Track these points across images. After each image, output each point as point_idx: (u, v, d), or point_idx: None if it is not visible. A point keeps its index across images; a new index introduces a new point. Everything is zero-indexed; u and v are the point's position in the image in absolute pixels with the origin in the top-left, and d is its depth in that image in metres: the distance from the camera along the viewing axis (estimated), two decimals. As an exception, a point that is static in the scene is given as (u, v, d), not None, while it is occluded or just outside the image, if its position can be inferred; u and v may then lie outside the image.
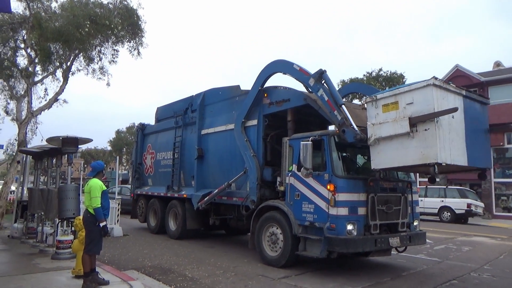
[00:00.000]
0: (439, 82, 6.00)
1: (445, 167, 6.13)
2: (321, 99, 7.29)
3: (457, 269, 7.82)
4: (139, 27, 14.17)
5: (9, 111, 15.87)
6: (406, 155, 6.00)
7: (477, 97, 6.99)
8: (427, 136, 5.78)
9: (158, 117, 13.37)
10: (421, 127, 5.85)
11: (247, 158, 8.53)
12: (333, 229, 6.53)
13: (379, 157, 6.39)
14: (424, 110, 5.82)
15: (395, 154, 6.15)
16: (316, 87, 7.35)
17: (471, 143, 6.34)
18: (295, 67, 7.94)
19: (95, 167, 6.04)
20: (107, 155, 60.82)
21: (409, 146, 5.96)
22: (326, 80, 7.32)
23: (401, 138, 6.04)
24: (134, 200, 13.82)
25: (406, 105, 6.05)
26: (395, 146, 6.15)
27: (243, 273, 7.05)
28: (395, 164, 6.24)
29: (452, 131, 6.03)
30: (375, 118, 6.44)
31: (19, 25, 13.52)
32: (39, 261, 7.44)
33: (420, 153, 5.83)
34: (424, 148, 5.79)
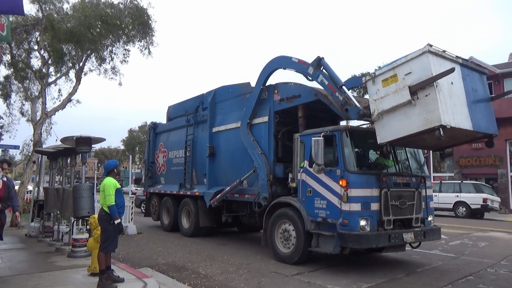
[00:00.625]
0: (435, 49, 6.02)
1: (451, 134, 6.09)
2: (321, 85, 7.46)
3: (473, 265, 7.70)
4: (150, 26, 14.28)
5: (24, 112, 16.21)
6: (410, 124, 6.01)
7: (474, 67, 6.98)
8: (428, 101, 5.79)
9: (170, 116, 13.45)
10: (421, 93, 5.87)
11: (256, 156, 8.56)
12: (346, 225, 6.49)
13: (384, 131, 6.41)
14: (423, 77, 5.84)
15: (399, 125, 6.16)
16: (316, 74, 7.53)
17: (473, 110, 6.34)
18: (294, 60, 8.09)
19: (106, 167, 6.12)
20: (120, 154, 61.54)
21: (412, 114, 5.98)
22: (325, 66, 7.48)
23: (404, 108, 6.06)
24: (147, 198, 13.95)
25: (404, 76, 6.08)
26: (398, 117, 6.17)
27: (256, 270, 7.06)
28: (401, 135, 6.19)
29: (453, 96, 6.04)
30: (376, 94, 6.48)
31: (32, 27, 13.75)
32: (56, 259, 7.57)
33: (423, 119, 5.83)
34: (427, 113, 5.80)
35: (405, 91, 5.97)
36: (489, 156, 24.61)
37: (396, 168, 7.31)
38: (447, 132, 5.80)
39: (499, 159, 24.22)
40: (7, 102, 15.94)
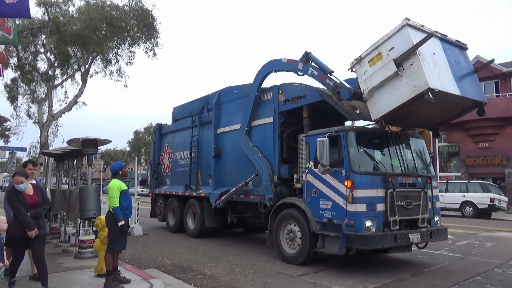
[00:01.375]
0: (413, 23, 6.33)
1: (441, 102, 6.31)
2: (312, 76, 7.73)
3: (480, 265, 7.64)
4: (154, 28, 14.37)
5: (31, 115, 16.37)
6: (400, 94, 6.23)
7: (454, 41, 7.19)
8: (414, 69, 6.03)
9: (175, 117, 13.49)
10: (406, 64, 6.12)
11: (257, 160, 8.66)
12: (352, 226, 6.47)
13: (377, 107, 6.61)
14: (405, 49, 6.10)
15: (390, 98, 6.39)
16: (305, 67, 7.83)
17: (459, 78, 6.61)
18: (283, 60, 8.39)
19: (111, 169, 6.18)
20: (126, 155, 61.82)
21: (401, 84, 6.23)
22: (313, 59, 7.77)
23: (392, 80, 6.31)
24: (153, 199, 14.00)
25: (388, 52, 6.36)
26: (388, 90, 6.40)
27: (262, 271, 7.06)
28: (393, 106, 6.36)
29: (436, 65, 6.29)
30: (364, 75, 6.71)
31: (38, 30, 13.90)
32: (63, 260, 7.62)
33: (412, 87, 6.05)
34: (414, 80, 6.03)
35: (391, 65, 6.24)
36: (496, 156, 24.43)
37: (402, 168, 7.27)
38: (436, 98, 5.93)
39: (506, 158, 24.03)
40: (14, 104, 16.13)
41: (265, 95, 9.09)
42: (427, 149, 8.42)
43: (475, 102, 7.03)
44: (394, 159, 7.33)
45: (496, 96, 25.47)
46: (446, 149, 27.77)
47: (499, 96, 25.24)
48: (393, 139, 7.41)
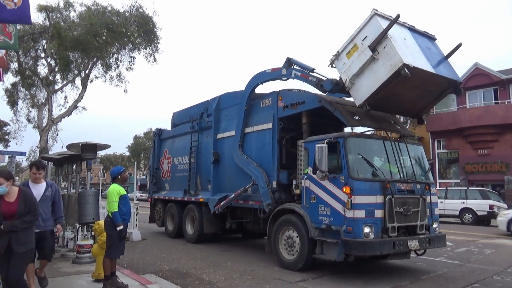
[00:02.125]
0: (381, 12, 6.87)
1: (417, 80, 6.71)
2: (296, 78, 8.18)
3: (479, 272, 7.63)
4: (155, 34, 14.44)
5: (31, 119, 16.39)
6: (378, 76, 6.64)
7: (423, 32, 7.60)
8: (387, 50, 6.48)
9: (174, 122, 13.52)
10: (380, 47, 6.59)
11: (252, 171, 8.78)
12: (350, 232, 6.47)
13: (359, 92, 6.99)
14: (377, 36, 6.61)
15: (370, 81, 6.79)
16: (289, 71, 8.31)
17: (431, 61, 7.01)
18: (268, 71, 8.88)
19: (110, 173, 6.19)
20: (125, 160, 61.74)
21: (378, 67, 6.66)
22: (295, 62, 8.29)
23: (369, 65, 6.75)
24: (151, 204, 13.99)
25: (362, 41, 6.85)
26: (367, 75, 6.82)
27: (260, 277, 7.05)
28: (374, 88, 6.72)
29: (408, 47, 6.76)
30: (344, 67, 7.14)
31: (39, 35, 13.97)
32: (61, 265, 7.60)
33: (388, 66, 6.46)
34: (389, 60, 6.45)
35: (366, 51, 6.71)
36: (495, 163, 24.46)
37: (400, 174, 7.28)
38: (412, 74, 6.28)
39: (506, 165, 24.05)
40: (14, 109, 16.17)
41: (264, 101, 9.13)
42: (426, 156, 8.45)
43: (449, 80, 7.32)
44: (393, 165, 7.35)
45: (495, 103, 25.57)
46: (445, 156, 27.80)
47: (498, 103, 25.32)
48: (392, 145, 7.43)
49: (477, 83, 26.12)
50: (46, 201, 5.33)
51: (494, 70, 25.83)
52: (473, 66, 26.45)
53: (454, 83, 7.42)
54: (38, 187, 5.30)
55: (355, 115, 7.50)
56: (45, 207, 5.26)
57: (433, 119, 27.39)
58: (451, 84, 7.41)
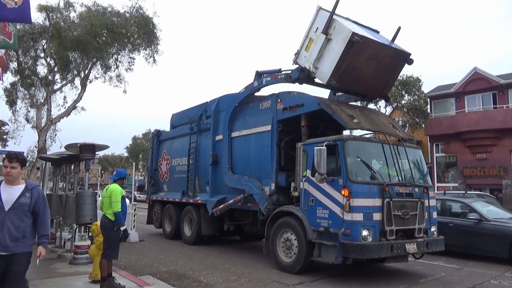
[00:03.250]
0: (325, 8, 7.87)
1: (371, 53, 7.55)
2: (267, 83, 8.85)
3: (476, 276, 7.63)
4: (155, 35, 14.45)
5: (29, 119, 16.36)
6: (336, 51, 7.39)
7: (367, 26, 8.43)
8: (337, 29, 7.41)
9: (173, 124, 13.51)
10: (331, 29, 7.53)
11: (244, 185, 8.94)
12: (348, 235, 6.46)
13: (323, 72, 7.66)
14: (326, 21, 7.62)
15: (330, 59, 7.52)
16: (260, 81, 9.02)
17: (379, 38, 7.94)
18: (241, 91, 9.55)
19: (120, 173, 6.15)
20: (124, 161, 61.68)
21: (333, 45, 7.46)
22: (263, 72, 9.07)
23: (326, 47, 7.57)
24: (149, 206, 13.96)
25: (315, 33, 7.80)
26: (326, 54, 7.58)
27: (258, 279, 7.03)
28: (335, 63, 7.39)
29: (355, 28, 7.54)
30: (305, 59, 7.92)
31: (39, 35, 13.97)
32: (58, 266, 7.57)
33: (341, 40, 7.27)
34: (340, 34, 7.32)
35: (320, 37, 7.59)
36: (493, 167, 24.48)
37: (399, 178, 7.29)
38: (364, 43, 7.15)
39: (504, 169, 24.07)
40: (13, 108, 16.15)
41: (264, 103, 9.13)
42: (425, 160, 8.46)
43: (399, 52, 8.07)
44: (391, 168, 7.35)
45: (493, 107, 25.61)
46: (443, 160, 27.82)
47: (497, 108, 25.37)
48: (391, 148, 7.44)
49: (476, 87, 26.16)
50: (19, 210, 3.70)
51: (493, 74, 25.87)
52: (472, 71, 26.49)
53: (404, 54, 8.13)
54: (11, 190, 3.73)
55: (354, 118, 7.51)
56: (16, 220, 3.67)
57: (432, 123, 27.43)
58: (401, 56, 8.14)
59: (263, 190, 8.41)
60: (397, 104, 28.26)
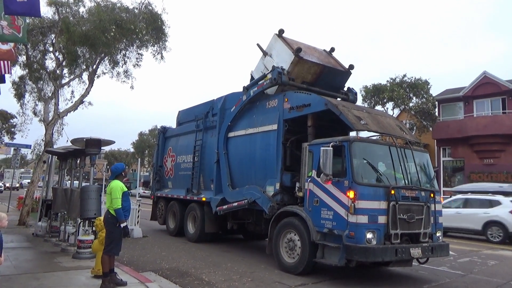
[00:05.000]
0: (279, 32, 9.51)
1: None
2: (254, 93, 9.34)
3: (481, 284, 7.52)
4: (163, 32, 14.39)
5: (37, 112, 16.41)
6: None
7: None
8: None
9: (180, 121, 13.51)
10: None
11: (245, 194, 9.02)
12: (352, 237, 6.40)
13: (282, 60, 8.90)
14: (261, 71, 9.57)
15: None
16: (248, 94, 9.53)
17: None
18: (232, 109, 10.03)
19: (113, 170, 6.15)
20: (130, 156, 61.99)
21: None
22: (248, 86, 9.62)
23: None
24: (154, 202, 13.98)
25: (265, 68, 9.34)
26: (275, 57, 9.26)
27: (260, 279, 6.99)
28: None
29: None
30: (268, 65, 9.28)
31: (48, 29, 13.98)
32: (61, 259, 7.60)
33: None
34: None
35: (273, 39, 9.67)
36: (501, 173, 24.22)
37: (405, 181, 7.20)
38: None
39: (511, 175, 23.81)
40: (21, 102, 16.19)
41: (271, 102, 9.08)
42: (432, 164, 8.36)
43: (319, 65, 9.13)
44: (397, 171, 7.27)
45: (502, 112, 25.32)
46: (450, 164, 27.57)
47: (506, 113, 25.08)
48: (398, 151, 7.35)
49: (485, 92, 25.89)
50: None
51: (502, 79, 25.59)
52: (481, 75, 26.22)
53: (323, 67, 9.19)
54: None
55: (361, 120, 7.44)
56: None
57: (440, 126, 27.19)
58: (321, 68, 9.19)
59: (265, 192, 8.39)
60: (405, 107, 28.03)
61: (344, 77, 9.80)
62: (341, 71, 9.65)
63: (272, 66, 8.88)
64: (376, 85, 28.32)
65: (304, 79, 9.11)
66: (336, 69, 9.54)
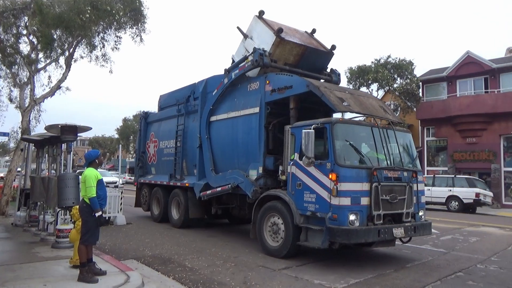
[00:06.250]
0: (260, 14, 9.27)
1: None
2: (236, 76, 9.13)
3: (463, 261, 7.63)
4: (141, 13, 13.89)
5: (13, 99, 15.86)
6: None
7: None
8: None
9: (161, 105, 13.23)
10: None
11: (229, 179, 8.91)
12: (335, 219, 6.36)
13: (263, 42, 8.75)
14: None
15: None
16: (230, 76, 9.34)
17: None
18: (213, 92, 9.86)
19: (87, 157, 5.92)
20: (114, 142, 61.11)
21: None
22: (231, 68, 9.39)
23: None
24: (137, 188, 13.78)
25: (246, 52, 9.09)
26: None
27: (244, 264, 6.94)
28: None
29: None
30: (249, 47, 8.97)
31: (20, 11, 13.39)
32: (39, 250, 7.41)
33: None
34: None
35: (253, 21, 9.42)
36: (483, 151, 24.64)
37: (387, 162, 7.16)
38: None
39: (493, 154, 24.25)
40: (-5, 88, 15.61)
41: (252, 85, 8.89)
42: (415, 144, 8.35)
43: (301, 46, 8.97)
44: (380, 152, 7.22)
45: (485, 92, 25.60)
46: (434, 144, 27.93)
47: (488, 92, 25.36)
48: (380, 132, 7.29)
49: (468, 71, 26.08)
50: None
51: (485, 59, 25.77)
52: (464, 55, 26.35)
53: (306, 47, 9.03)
54: None
55: (344, 101, 7.32)
56: None
57: (424, 107, 27.39)
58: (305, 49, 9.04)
59: (248, 176, 8.28)
60: (389, 88, 28.11)
61: (327, 58, 9.63)
62: (323, 52, 9.47)
63: (254, 48, 8.62)
64: (361, 67, 28.28)
65: (286, 60, 8.91)
66: (319, 50, 9.36)
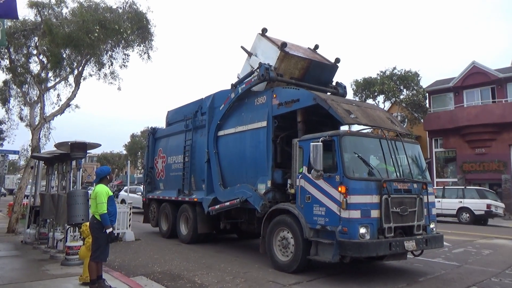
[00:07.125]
0: (263, 31, 9.48)
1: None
2: (243, 90, 9.16)
3: (477, 274, 7.48)
4: (149, 31, 14.15)
5: (23, 117, 16.11)
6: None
7: None
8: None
9: (169, 121, 13.32)
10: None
11: (237, 193, 8.91)
12: (345, 233, 6.30)
13: (268, 58, 8.86)
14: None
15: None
16: (236, 91, 9.40)
17: None
18: (221, 108, 9.93)
19: (98, 173, 5.97)
20: (122, 159, 61.47)
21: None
22: (236, 83, 9.52)
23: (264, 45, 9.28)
24: (146, 204, 13.79)
25: (252, 67, 9.24)
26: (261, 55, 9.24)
27: (253, 279, 6.87)
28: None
29: None
30: (254, 65, 9.07)
31: (31, 32, 13.69)
32: (49, 267, 7.41)
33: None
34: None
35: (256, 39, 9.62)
36: (493, 161, 24.37)
37: (397, 174, 7.12)
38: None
39: (503, 164, 23.97)
40: (6, 107, 15.88)
41: (259, 99, 8.94)
42: (423, 155, 8.29)
43: (306, 59, 9.10)
44: (389, 164, 7.18)
45: (492, 102, 25.46)
46: (442, 155, 27.69)
47: (495, 102, 25.22)
48: (388, 144, 7.26)
49: (475, 81, 26.01)
50: None
51: (491, 68, 25.71)
52: (470, 65, 26.32)
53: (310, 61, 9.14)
54: None
55: (351, 113, 7.33)
56: None
57: (431, 118, 27.27)
58: (309, 63, 9.12)
59: (256, 190, 8.27)
60: (396, 99, 28.08)
61: (332, 71, 9.68)
62: (328, 65, 9.53)
63: (259, 63, 8.72)
64: (367, 79, 28.32)
65: (292, 75, 8.97)
66: (323, 63, 9.42)
